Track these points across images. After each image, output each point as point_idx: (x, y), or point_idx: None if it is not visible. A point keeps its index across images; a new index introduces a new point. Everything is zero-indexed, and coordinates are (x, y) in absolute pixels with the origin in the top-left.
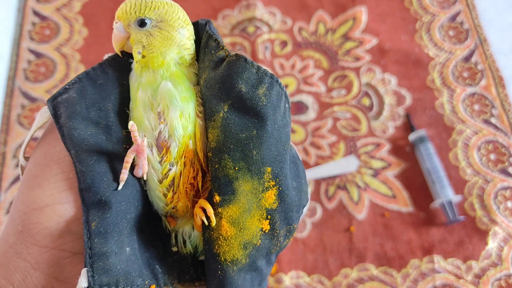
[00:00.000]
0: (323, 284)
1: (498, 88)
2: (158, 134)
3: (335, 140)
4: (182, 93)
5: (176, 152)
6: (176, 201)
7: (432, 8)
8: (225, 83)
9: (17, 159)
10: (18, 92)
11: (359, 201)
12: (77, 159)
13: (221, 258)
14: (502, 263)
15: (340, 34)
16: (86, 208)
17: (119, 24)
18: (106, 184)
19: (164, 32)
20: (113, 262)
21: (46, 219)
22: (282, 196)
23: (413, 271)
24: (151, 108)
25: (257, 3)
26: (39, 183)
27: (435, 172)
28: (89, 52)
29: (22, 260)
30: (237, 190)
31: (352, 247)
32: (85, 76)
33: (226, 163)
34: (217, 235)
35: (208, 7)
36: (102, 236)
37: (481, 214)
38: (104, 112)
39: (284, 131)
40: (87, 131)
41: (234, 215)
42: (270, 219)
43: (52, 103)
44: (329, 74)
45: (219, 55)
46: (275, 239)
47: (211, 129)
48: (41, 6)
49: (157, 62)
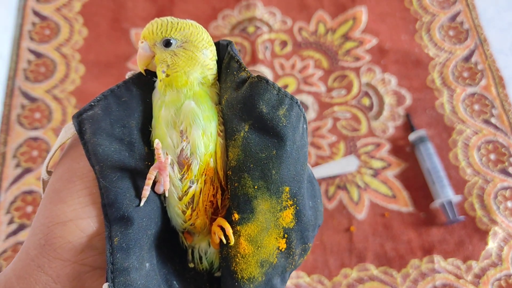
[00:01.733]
0: (323, 284)
1: (498, 88)
2: (180, 151)
3: (335, 140)
4: (204, 112)
5: (197, 170)
6: (195, 218)
7: (432, 8)
8: (246, 103)
9: (17, 159)
10: (18, 92)
11: (359, 201)
12: (101, 175)
13: (238, 276)
14: (502, 263)
15: (340, 34)
16: (108, 223)
17: (144, 44)
18: (128, 200)
19: (189, 52)
20: (134, 277)
21: (69, 234)
22: (299, 215)
23: (413, 271)
24: (174, 126)
25: (257, 3)
26: (62, 198)
27: (435, 172)
28: (89, 52)
29: (44, 274)
30: (256, 209)
31: (352, 247)
32: (110, 93)
33: (246, 182)
34: (235, 253)
35: (208, 7)
36: (124, 251)
37: (481, 214)
38: (128, 129)
39: (302, 151)
40: (111, 147)
41: (252, 234)
42: (287, 238)
43: (78, 119)
44: (329, 74)
45: (241, 76)
46: (291, 257)
47: (231, 148)
48: (41, 6)
49: (180, 82)
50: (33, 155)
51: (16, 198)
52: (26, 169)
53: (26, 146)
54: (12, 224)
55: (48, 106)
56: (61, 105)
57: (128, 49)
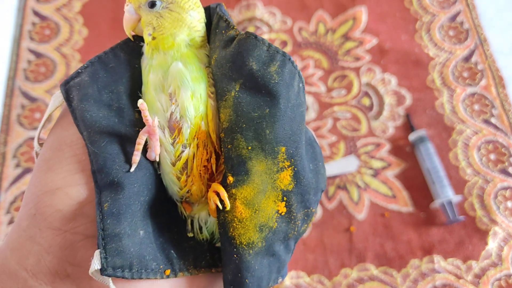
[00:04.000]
0: (323, 284)
1: (498, 88)
2: (170, 115)
3: (335, 140)
4: (192, 73)
5: (188, 133)
6: (190, 185)
7: (432, 8)
8: (235, 61)
9: (17, 159)
10: (18, 92)
11: (359, 201)
12: (90, 140)
13: (236, 241)
14: (502, 263)
15: (340, 34)
16: (98, 189)
17: (129, 7)
18: (118, 166)
19: (174, 13)
20: (126, 244)
21: (59, 202)
22: (298, 177)
23: (413, 271)
24: (163, 89)
25: (257, 3)
26: (51, 166)
27: (435, 172)
28: (89, 52)
29: (36, 244)
30: (251, 170)
31: (352, 247)
32: (97, 60)
33: (239, 143)
34: (231, 217)
35: None
36: (115, 217)
37: (481, 214)
38: (116, 94)
39: (299, 110)
40: (99, 113)
41: (249, 196)
42: (286, 201)
43: (65, 87)
44: (329, 74)
45: (229, 34)
46: (292, 222)
47: (223, 109)
48: (41, 6)
49: (167, 44)
50: (33, 155)
51: (16, 198)
52: (26, 169)
53: (26, 146)
54: (12, 224)
55: None
56: None
57: None
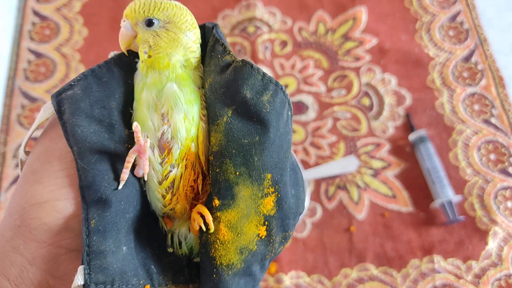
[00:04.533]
0: (323, 284)
1: (498, 88)
2: (161, 135)
3: (335, 140)
4: (187, 96)
5: (178, 154)
6: (175, 203)
7: (432, 8)
8: (230, 88)
9: (17, 159)
10: (18, 92)
11: (359, 201)
12: (79, 156)
13: (217, 262)
14: (502, 263)
15: (340, 34)
16: (86, 205)
17: (126, 23)
18: (107, 183)
19: (171, 33)
20: (110, 261)
21: (45, 215)
22: (280, 203)
23: (413, 271)
24: (155, 109)
25: (257, 3)
26: (39, 179)
27: (435, 172)
28: (89, 52)
29: (19, 255)
30: (237, 195)
31: (352, 247)
32: (90, 73)
33: (227, 168)
34: (214, 239)
35: (208, 7)
36: (101, 234)
37: (481, 214)
38: (108, 110)
39: (286, 138)
40: (90, 128)
41: (233, 220)
42: (267, 225)
43: (57, 99)
44: (329, 74)
45: (225, 60)
46: (271, 245)
47: (214, 133)
48: (41, 6)
49: (162, 63)
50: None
51: None
52: None
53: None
54: None
55: None
56: None
57: None
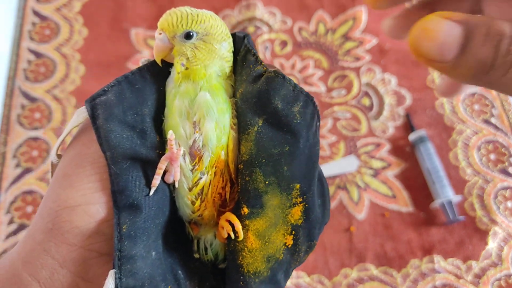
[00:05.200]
0: (323, 284)
1: None
2: (193, 142)
3: (335, 140)
4: (219, 105)
5: (208, 162)
6: (203, 210)
7: None
8: (261, 98)
9: (17, 159)
10: (18, 92)
11: (359, 201)
12: (112, 161)
13: (244, 270)
14: (502, 263)
15: (340, 34)
16: (117, 210)
17: (163, 36)
18: (138, 188)
19: (209, 45)
20: (140, 265)
21: (77, 218)
22: (307, 213)
23: (413, 271)
24: (187, 117)
25: (257, 3)
26: (71, 183)
27: (435, 172)
28: (89, 52)
29: (50, 258)
30: (266, 204)
31: (352, 247)
32: (124, 79)
33: (257, 177)
34: (242, 247)
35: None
36: (132, 239)
37: (481, 214)
38: (141, 116)
39: (315, 149)
40: (123, 134)
41: (261, 228)
42: (294, 234)
43: (91, 104)
44: (329, 74)
45: (257, 70)
46: (297, 254)
47: (244, 142)
48: (41, 6)
49: (199, 75)
50: (33, 155)
51: (16, 198)
52: (26, 169)
53: (26, 146)
54: (12, 224)
55: (48, 106)
56: (61, 105)
57: (128, 49)
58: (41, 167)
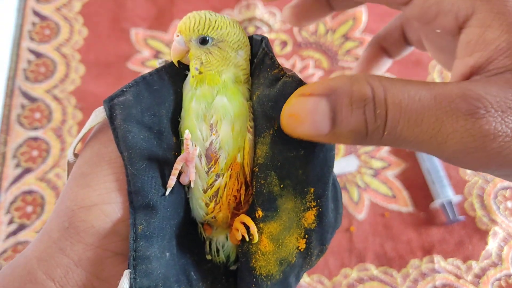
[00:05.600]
0: (323, 284)
1: None
2: (209, 144)
3: None
4: (236, 108)
5: (224, 164)
6: (217, 212)
7: None
8: (278, 102)
9: (17, 159)
10: (18, 92)
11: (359, 201)
12: (129, 162)
13: (257, 272)
14: (502, 263)
15: (340, 34)
16: (133, 211)
17: (180, 38)
18: (155, 189)
19: (223, 52)
20: (155, 266)
21: (94, 218)
22: (321, 217)
23: (413, 271)
24: (204, 119)
25: (257, 3)
26: (88, 182)
27: (435, 172)
28: (89, 52)
29: (65, 256)
30: (280, 207)
31: (352, 247)
32: (141, 80)
33: (272, 180)
34: (255, 249)
35: (208, 7)
36: (147, 240)
37: (481, 214)
38: (158, 117)
39: (330, 154)
40: (140, 135)
41: (275, 232)
42: (307, 238)
43: (109, 104)
44: (329, 74)
45: (274, 73)
46: (309, 258)
47: (260, 145)
48: (41, 6)
49: (213, 80)
50: (33, 155)
51: (16, 198)
52: (26, 169)
53: (26, 146)
54: (12, 224)
55: (48, 106)
56: (61, 105)
57: (128, 49)
58: (41, 167)
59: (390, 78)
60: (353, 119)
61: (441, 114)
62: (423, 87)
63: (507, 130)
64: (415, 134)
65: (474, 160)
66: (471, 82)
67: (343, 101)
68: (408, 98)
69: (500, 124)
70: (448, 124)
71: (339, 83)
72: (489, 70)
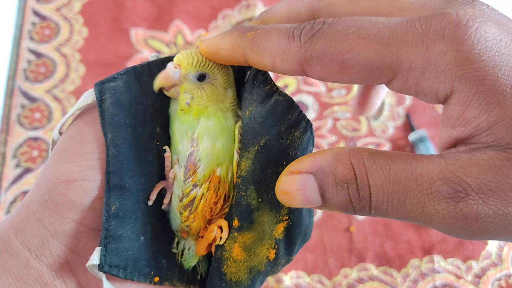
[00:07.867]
0: (323, 284)
1: None
2: (189, 155)
3: (335, 140)
4: (218, 129)
5: (202, 175)
6: (191, 221)
7: None
8: (268, 119)
9: (17, 159)
10: (18, 92)
11: None
12: (112, 143)
13: (227, 277)
14: (502, 263)
15: None
16: (108, 190)
17: (177, 70)
18: (132, 173)
19: (215, 89)
20: (126, 246)
21: (73, 193)
22: (289, 229)
23: (413, 271)
24: (186, 135)
25: (257, 3)
26: (70, 158)
27: None
28: (89, 52)
29: (43, 228)
30: (256, 220)
31: (352, 247)
32: (133, 70)
33: (251, 193)
34: (228, 256)
35: (208, 7)
36: (119, 220)
37: None
38: (144, 107)
39: None
40: (127, 120)
41: (247, 242)
42: (277, 248)
43: (99, 88)
44: None
45: (266, 89)
46: (276, 266)
47: (244, 159)
48: (41, 6)
49: (200, 112)
50: (33, 155)
51: (16, 198)
52: (26, 169)
53: (26, 146)
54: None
55: (48, 106)
56: (61, 105)
57: (128, 49)
58: (41, 167)
59: (373, 154)
60: (339, 198)
61: (423, 197)
62: (405, 165)
63: (489, 211)
64: (401, 213)
65: (463, 236)
66: (453, 161)
67: (329, 181)
68: (389, 179)
69: (481, 206)
70: (430, 206)
71: (323, 162)
72: (473, 143)
